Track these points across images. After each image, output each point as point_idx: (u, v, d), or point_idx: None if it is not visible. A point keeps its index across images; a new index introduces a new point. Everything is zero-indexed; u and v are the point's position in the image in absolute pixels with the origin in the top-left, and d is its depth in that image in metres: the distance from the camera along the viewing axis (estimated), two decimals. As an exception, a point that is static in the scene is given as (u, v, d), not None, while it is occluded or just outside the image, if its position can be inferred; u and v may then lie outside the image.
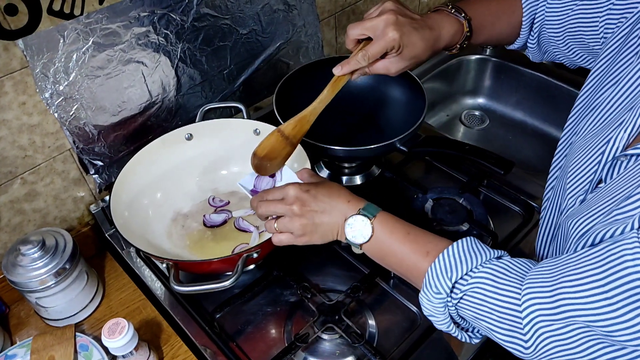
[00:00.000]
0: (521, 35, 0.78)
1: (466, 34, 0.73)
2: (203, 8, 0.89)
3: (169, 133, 0.91)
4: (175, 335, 0.80)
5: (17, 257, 0.76)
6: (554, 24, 0.72)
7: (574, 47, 0.72)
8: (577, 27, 0.68)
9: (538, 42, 0.78)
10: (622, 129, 0.53)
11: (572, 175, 0.59)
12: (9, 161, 0.79)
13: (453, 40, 0.73)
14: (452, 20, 0.72)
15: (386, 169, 1.01)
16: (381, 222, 0.63)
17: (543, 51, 0.79)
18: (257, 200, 0.69)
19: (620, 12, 0.61)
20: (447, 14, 0.73)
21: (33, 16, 0.71)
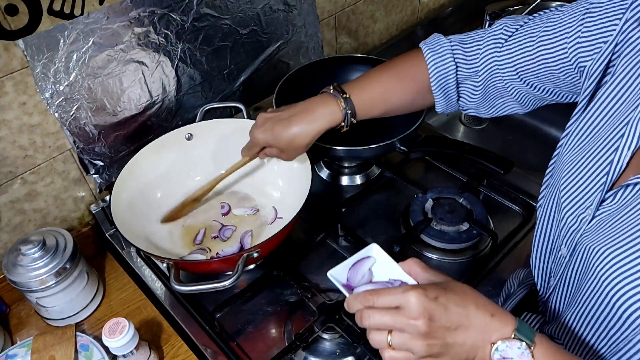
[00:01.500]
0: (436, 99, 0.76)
1: (346, 112, 0.73)
2: (203, 8, 0.89)
3: (169, 133, 0.91)
4: (175, 334, 0.80)
5: (18, 257, 0.76)
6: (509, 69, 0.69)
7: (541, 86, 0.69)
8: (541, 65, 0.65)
9: (484, 97, 0.75)
10: (624, 142, 0.52)
11: (568, 191, 0.58)
12: (9, 161, 0.79)
13: (333, 119, 0.74)
14: (328, 102, 0.74)
15: (386, 168, 1.01)
16: (542, 353, 0.47)
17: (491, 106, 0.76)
18: (361, 304, 0.51)
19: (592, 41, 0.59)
20: (326, 95, 0.75)
21: (33, 16, 0.71)
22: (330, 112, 0.74)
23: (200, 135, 0.94)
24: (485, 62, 0.71)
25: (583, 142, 0.59)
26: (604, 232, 0.52)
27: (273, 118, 0.75)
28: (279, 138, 0.74)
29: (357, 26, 1.24)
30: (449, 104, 0.78)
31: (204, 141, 0.94)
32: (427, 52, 0.74)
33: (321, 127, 0.74)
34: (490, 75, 0.72)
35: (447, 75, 0.74)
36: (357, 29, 1.24)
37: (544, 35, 0.64)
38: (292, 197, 0.85)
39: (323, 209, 0.96)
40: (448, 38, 0.74)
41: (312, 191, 0.79)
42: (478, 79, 0.73)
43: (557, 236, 0.60)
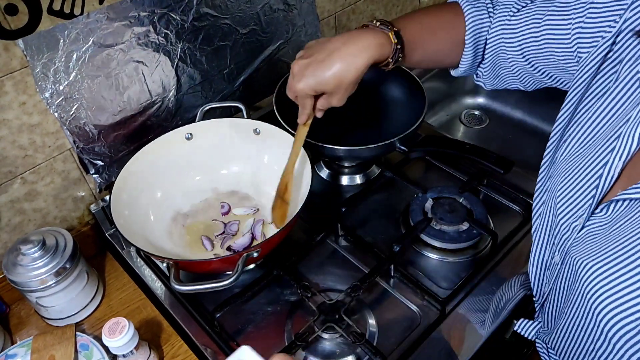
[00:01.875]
0: (464, 55, 0.73)
1: (396, 47, 0.67)
2: (203, 8, 0.89)
3: (169, 132, 0.91)
4: (175, 334, 0.80)
5: (18, 256, 0.76)
6: (513, 43, 0.68)
7: (541, 68, 0.67)
8: (545, 45, 0.64)
9: (492, 67, 0.73)
10: (614, 155, 0.52)
11: (562, 198, 0.58)
12: (9, 161, 0.79)
13: (381, 53, 0.66)
14: (376, 33, 0.67)
15: (386, 168, 1.01)
16: None
17: (496, 75, 0.74)
18: None
19: (593, 31, 0.58)
20: (371, 28, 0.69)
21: (33, 16, 0.71)
22: (379, 43, 0.66)
23: (200, 135, 0.94)
24: (494, 30, 0.70)
25: (581, 148, 0.59)
26: (591, 245, 0.52)
27: (311, 62, 0.67)
28: (325, 80, 0.65)
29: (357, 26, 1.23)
30: (474, 63, 0.74)
31: (204, 141, 0.94)
32: (465, 4, 0.71)
33: (370, 58, 0.65)
34: (497, 47, 0.70)
35: (481, 30, 0.71)
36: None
37: (550, 14, 0.63)
38: (292, 197, 0.85)
39: (323, 208, 0.96)
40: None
41: (312, 191, 0.79)
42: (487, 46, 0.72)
43: (552, 242, 0.60)
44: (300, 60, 0.68)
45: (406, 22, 0.70)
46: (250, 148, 0.94)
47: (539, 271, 0.63)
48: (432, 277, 0.84)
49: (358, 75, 0.66)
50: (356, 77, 0.66)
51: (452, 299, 0.79)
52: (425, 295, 0.80)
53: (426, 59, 0.74)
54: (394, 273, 0.84)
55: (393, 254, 0.83)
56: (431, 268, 0.86)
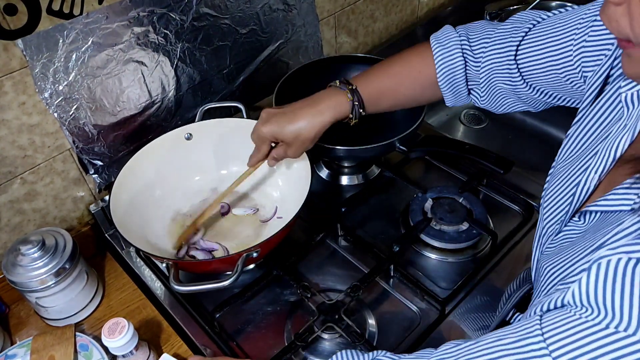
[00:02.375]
0: (444, 94, 0.75)
1: (353, 104, 0.73)
2: (202, 8, 0.89)
3: (169, 133, 0.91)
4: (175, 334, 0.80)
5: (17, 257, 0.76)
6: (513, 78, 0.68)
7: (548, 91, 0.68)
8: (549, 72, 0.65)
9: (492, 98, 0.74)
10: (591, 168, 0.53)
11: (548, 201, 0.59)
12: (8, 161, 0.79)
13: (340, 111, 0.73)
14: (334, 94, 0.73)
15: (386, 168, 1.01)
16: None
17: (500, 104, 0.75)
18: None
19: (596, 49, 0.58)
20: (332, 88, 0.75)
21: (32, 16, 0.71)
22: (337, 104, 0.73)
23: (200, 135, 0.94)
24: (487, 64, 0.70)
25: (573, 155, 0.60)
26: (558, 250, 0.53)
27: (278, 113, 0.75)
28: (285, 132, 0.73)
29: (357, 26, 1.24)
30: (459, 98, 0.76)
31: (204, 141, 0.94)
32: (435, 47, 0.72)
33: (327, 119, 0.73)
34: (492, 77, 0.71)
35: (454, 70, 0.72)
36: (356, 29, 1.24)
37: (551, 38, 0.63)
38: (292, 197, 0.85)
39: (323, 208, 0.96)
40: (458, 31, 0.73)
41: (312, 191, 0.79)
42: (481, 78, 0.72)
43: (541, 242, 0.61)
44: (270, 109, 0.77)
45: (368, 77, 0.76)
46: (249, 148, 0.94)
47: (534, 269, 0.64)
48: (432, 277, 0.84)
49: (316, 132, 0.74)
50: (314, 135, 0.74)
51: (451, 299, 0.79)
52: (425, 295, 0.80)
53: (398, 104, 0.79)
54: (393, 273, 0.84)
55: (393, 254, 0.83)
56: (431, 268, 0.86)
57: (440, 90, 0.75)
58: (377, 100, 0.75)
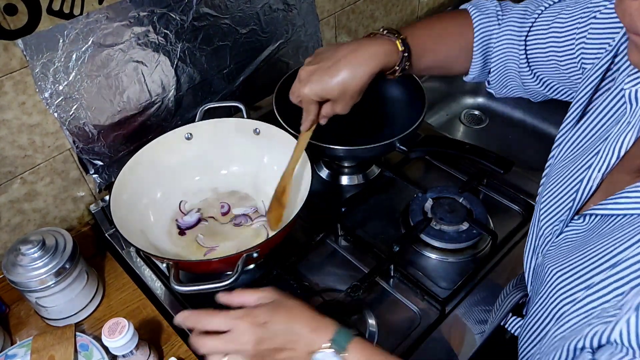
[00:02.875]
0: (473, 63, 0.73)
1: (402, 55, 0.68)
2: (203, 7, 0.89)
3: (169, 132, 0.91)
4: (175, 334, 0.80)
5: (17, 256, 0.76)
6: (519, 54, 0.68)
7: (546, 79, 0.68)
8: (550, 56, 0.65)
9: (499, 76, 0.73)
10: (593, 168, 0.52)
11: (546, 203, 0.58)
12: (8, 161, 0.79)
13: (387, 62, 0.67)
14: (383, 41, 0.68)
15: (386, 168, 1.01)
16: (354, 357, 0.53)
17: (504, 85, 0.75)
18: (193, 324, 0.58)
19: (597, 42, 0.58)
20: (379, 36, 0.69)
21: (33, 16, 0.71)
22: (386, 51, 0.67)
23: (200, 135, 0.94)
24: (502, 41, 0.70)
25: (570, 155, 0.59)
26: (561, 252, 0.53)
27: (318, 69, 0.67)
28: (331, 87, 0.66)
29: (357, 25, 1.24)
30: (484, 70, 0.74)
31: (204, 141, 0.94)
32: (474, 12, 0.71)
33: (376, 67, 0.67)
34: (504, 57, 0.71)
35: (490, 37, 0.71)
36: (357, 29, 1.24)
37: (556, 25, 0.63)
38: (292, 197, 0.85)
39: (323, 208, 0.96)
40: (493, 2, 0.72)
41: (312, 191, 0.79)
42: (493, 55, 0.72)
43: (537, 244, 0.61)
44: (307, 66, 0.69)
45: (414, 30, 0.71)
46: (250, 148, 0.94)
47: (530, 270, 0.63)
48: (432, 277, 0.84)
49: (363, 84, 0.67)
50: (361, 86, 0.67)
51: (451, 299, 0.80)
52: (425, 295, 0.80)
53: (435, 65, 0.74)
54: (393, 273, 0.84)
55: (393, 254, 0.83)
56: (431, 268, 0.86)
57: (473, 58, 0.73)
58: (420, 56, 0.70)
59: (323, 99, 0.70)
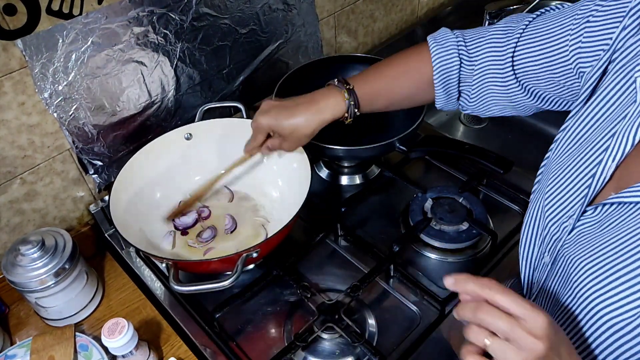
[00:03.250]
0: (437, 94, 0.75)
1: (349, 103, 0.74)
2: (202, 7, 0.89)
3: (169, 132, 0.91)
4: (175, 334, 0.80)
5: (17, 257, 0.75)
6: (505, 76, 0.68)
7: (539, 92, 0.68)
8: (544, 70, 0.65)
9: (481, 100, 0.74)
10: (608, 155, 0.52)
11: (552, 199, 0.58)
12: (8, 161, 0.79)
13: (337, 111, 0.74)
14: (333, 93, 0.75)
15: (386, 168, 1.01)
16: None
17: (488, 107, 0.75)
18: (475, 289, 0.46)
19: (594, 46, 0.58)
20: (331, 87, 0.76)
21: (32, 16, 0.71)
22: (334, 103, 0.74)
23: (200, 135, 0.94)
24: (481, 65, 0.71)
25: (571, 149, 0.59)
26: (583, 244, 0.52)
27: (278, 105, 0.76)
28: (283, 125, 0.75)
29: (357, 25, 1.24)
30: (449, 101, 0.77)
31: (203, 141, 0.94)
32: (433, 46, 0.73)
33: (324, 118, 0.75)
34: (485, 78, 0.71)
35: (450, 70, 0.73)
36: (356, 29, 1.24)
37: (545, 37, 0.63)
38: (292, 197, 0.85)
39: (323, 208, 0.96)
40: (454, 33, 0.74)
41: (312, 191, 0.79)
42: (474, 78, 0.72)
43: (541, 243, 0.60)
44: (271, 100, 0.78)
45: (365, 77, 0.77)
46: (249, 148, 0.94)
47: (529, 272, 0.63)
48: (432, 277, 0.84)
49: (312, 130, 0.75)
50: (310, 132, 0.75)
51: (451, 299, 0.79)
52: (424, 295, 0.80)
53: (393, 104, 0.79)
54: (393, 273, 0.84)
55: (393, 254, 0.83)
56: (431, 268, 0.86)
57: (435, 91, 0.75)
58: (372, 100, 0.76)
59: (274, 132, 0.78)
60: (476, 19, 1.46)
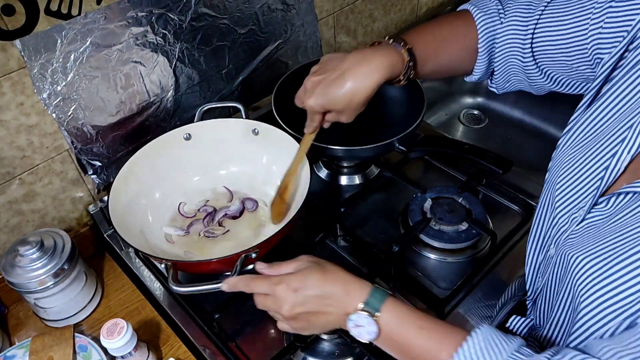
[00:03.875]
0: (479, 62, 0.73)
1: (408, 64, 0.69)
2: (201, 8, 0.89)
3: (168, 133, 0.91)
4: (174, 335, 0.80)
5: (16, 258, 0.75)
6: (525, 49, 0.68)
7: (553, 73, 0.67)
8: (559, 50, 0.64)
9: (503, 72, 0.73)
10: (624, 146, 0.51)
11: (562, 190, 0.57)
12: (7, 162, 0.79)
13: (393, 72, 0.68)
14: (388, 52, 0.68)
15: (385, 168, 1.01)
16: (388, 318, 0.55)
17: (507, 80, 0.74)
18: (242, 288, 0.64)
19: (613, 32, 0.57)
20: (384, 45, 0.70)
21: (30, 16, 0.71)
22: (391, 62, 0.67)
23: (199, 135, 0.94)
24: (506, 36, 0.69)
25: (584, 140, 0.58)
26: (587, 238, 0.51)
27: (323, 80, 0.68)
28: (336, 99, 0.68)
29: (356, 25, 1.24)
30: (488, 69, 0.74)
31: (203, 141, 0.94)
32: (476, 12, 0.71)
33: (381, 78, 0.67)
34: (508, 52, 0.70)
35: (494, 34, 0.71)
36: (355, 28, 1.24)
37: (565, 18, 0.62)
38: (291, 197, 0.85)
39: (322, 208, 0.95)
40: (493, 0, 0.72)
41: (311, 191, 0.79)
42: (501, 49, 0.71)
43: (548, 235, 0.59)
44: (313, 76, 0.70)
45: (418, 37, 0.71)
46: (248, 148, 0.94)
47: (534, 265, 0.62)
48: (431, 277, 0.84)
49: (368, 95, 0.68)
50: (366, 97, 0.68)
51: (451, 299, 0.79)
52: (424, 295, 0.80)
53: (439, 70, 0.75)
54: (393, 273, 0.83)
55: (392, 254, 0.83)
56: (430, 268, 0.86)
57: (477, 58, 0.72)
58: (424, 63, 0.71)
59: (327, 110, 0.71)
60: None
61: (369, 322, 0.55)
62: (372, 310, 0.55)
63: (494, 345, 0.49)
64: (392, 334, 0.55)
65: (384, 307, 0.55)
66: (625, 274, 0.45)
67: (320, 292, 0.57)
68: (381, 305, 0.55)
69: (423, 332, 0.53)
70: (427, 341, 0.53)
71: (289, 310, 0.58)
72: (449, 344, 0.51)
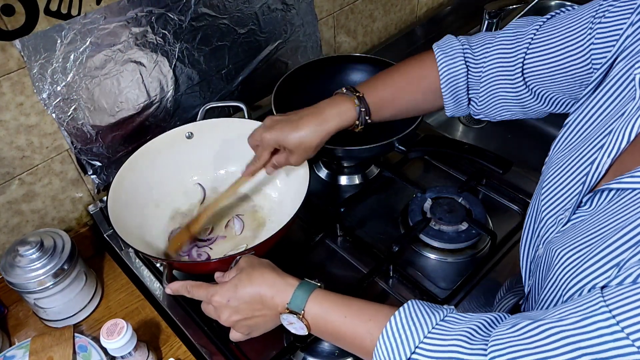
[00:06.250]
0: (445, 102, 0.75)
1: (360, 110, 0.74)
2: (201, 8, 0.89)
3: (169, 132, 0.91)
4: (174, 335, 0.80)
5: (15, 258, 0.75)
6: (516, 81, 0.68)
7: (550, 95, 0.67)
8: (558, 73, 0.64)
9: (489, 105, 0.73)
10: (604, 151, 0.52)
11: (549, 192, 0.58)
12: (6, 162, 0.79)
13: (345, 120, 0.74)
14: (340, 101, 0.74)
15: (385, 168, 1.01)
16: (313, 314, 0.58)
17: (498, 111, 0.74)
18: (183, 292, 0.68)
19: (605, 42, 0.58)
20: (338, 95, 0.75)
21: (30, 16, 0.71)
22: (342, 111, 0.74)
23: (200, 135, 0.94)
24: (489, 71, 0.70)
25: (570, 145, 0.59)
26: (569, 235, 0.52)
27: (282, 120, 0.75)
28: (289, 138, 0.73)
29: (356, 25, 1.24)
30: (459, 107, 0.76)
31: (204, 141, 0.94)
32: (439, 54, 0.73)
33: (332, 127, 0.74)
34: (493, 85, 0.70)
35: (457, 77, 0.72)
36: (355, 28, 1.24)
37: (562, 39, 0.63)
38: (291, 197, 0.85)
39: (322, 209, 0.95)
40: (460, 39, 0.73)
41: (311, 191, 0.79)
42: (481, 85, 0.72)
43: (537, 235, 0.60)
44: (274, 116, 0.77)
45: (371, 84, 0.77)
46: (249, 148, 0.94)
47: (527, 265, 0.63)
48: (431, 277, 0.84)
49: (319, 141, 0.74)
50: (317, 143, 0.74)
51: (451, 299, 0.79)
52: (424, 295, 0.80)
53: (401, 112, 0.79)
54: (392, 273, 0.83)
55: (392, 254, 0.83)
56: (430, 268, 0.86)
57: (443, 99, 0.75)
58: (380, 109, 0.76)
59: (280, 147, 0.76)
60: (475, 18, 1.46)
61: (297, 320, 0.58)
62: (296, 309, 0.58)
63: (419, 317, 0.51)
64: (320, 327, 0.58)
65: (308, 303, 0.58)
66: (600, 267, 0.46)
67: (250, 299, 0.60)
68: (305, 303, 0.58)
69: (347, 321, 0.56)
70: (354, 328, 0.55)
71: (226, 319, 0.62)
72: (374, 327, 0.53)
